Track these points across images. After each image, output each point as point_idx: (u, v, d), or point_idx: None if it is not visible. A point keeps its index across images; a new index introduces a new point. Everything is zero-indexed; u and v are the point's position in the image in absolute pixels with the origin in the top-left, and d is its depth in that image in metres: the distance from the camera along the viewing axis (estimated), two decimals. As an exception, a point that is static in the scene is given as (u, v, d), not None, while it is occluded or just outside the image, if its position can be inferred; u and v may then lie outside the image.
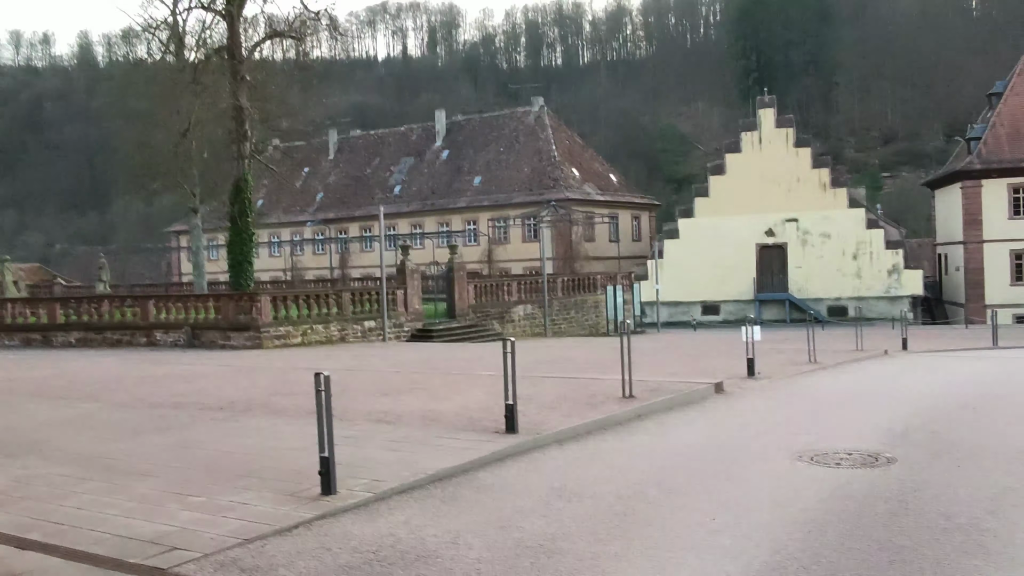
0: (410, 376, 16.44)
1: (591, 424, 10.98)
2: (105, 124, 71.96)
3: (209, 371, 18.56)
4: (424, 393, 13.96)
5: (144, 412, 12.94)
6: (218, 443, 10.39)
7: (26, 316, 30.96)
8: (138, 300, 30.43)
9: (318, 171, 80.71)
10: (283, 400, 13.58)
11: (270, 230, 77.17)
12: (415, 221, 70.06)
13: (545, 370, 17.34)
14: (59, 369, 19.89)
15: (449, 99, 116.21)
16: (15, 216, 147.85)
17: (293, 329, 28.15)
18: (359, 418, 11.67)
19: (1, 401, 14.67)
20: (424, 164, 73.79)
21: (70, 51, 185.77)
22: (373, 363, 20.32)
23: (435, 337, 31.16)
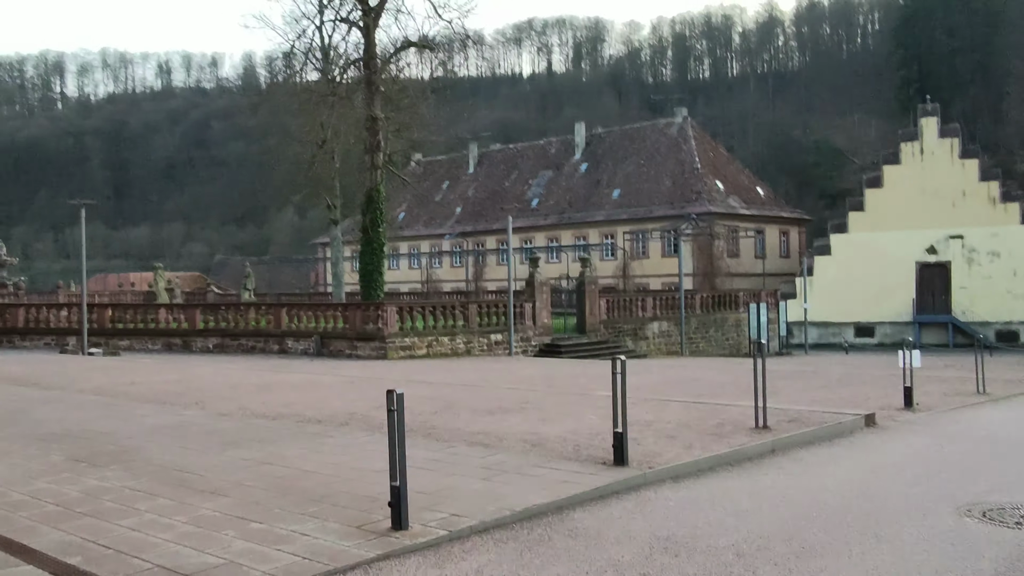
0: (524, 394, 15.38)
1: (714, 459, 9.58)
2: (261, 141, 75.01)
3: (324, 381, 18.09)
4: (534, 413, 12.86)
5: (243, 423, 12.40)
6: (303, 460, 9.60)
7: (168, 321, 31.79)
8: (272, 308, 30.72)
9: (458, 185, 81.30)
10: (384, 415, 12.73)
11: (410, 242, 78.29)
12: (551, 234, 69.29)
13: (671, 392, 15.94)
14: (183, 374, 19.92)
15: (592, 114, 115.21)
16: (182, 228, 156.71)
17: (418, 341, 27.67)
18: (456, 438, 10.69)
19: (115, 405, 14.52)
20: (562, 177, 73.00)
21: (235, 72, 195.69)
22: (491, 378, 19.40)
23: (563, 352, 30.05)
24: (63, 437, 11.47)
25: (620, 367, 8.98)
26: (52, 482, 8.89)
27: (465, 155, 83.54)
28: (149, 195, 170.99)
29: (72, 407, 14.32)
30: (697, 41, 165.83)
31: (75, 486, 8.71)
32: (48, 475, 9.23)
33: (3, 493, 8.55)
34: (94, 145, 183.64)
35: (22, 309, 33.65)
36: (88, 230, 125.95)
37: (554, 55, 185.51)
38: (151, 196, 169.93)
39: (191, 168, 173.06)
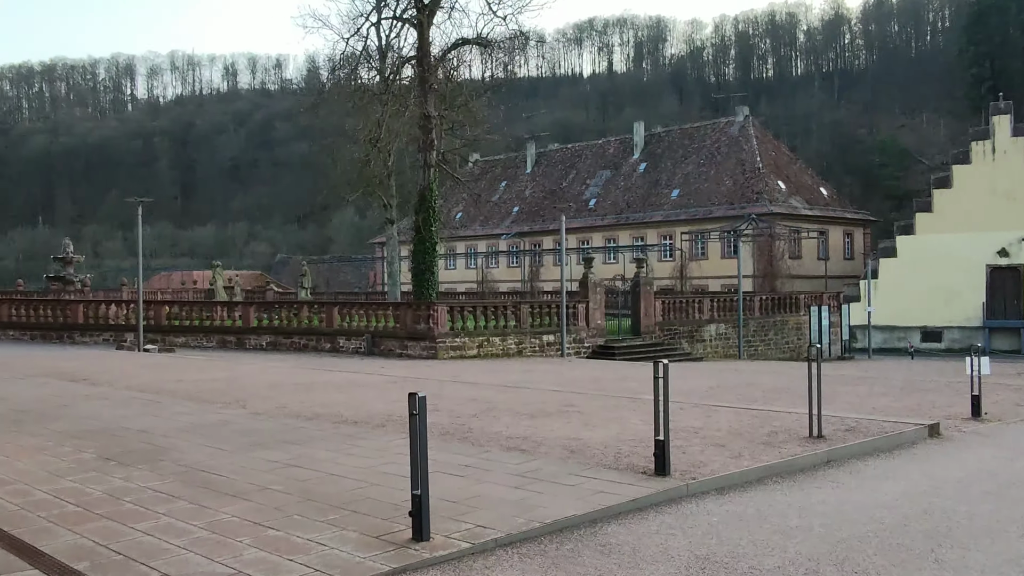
0: (569, 397, 14.90)
1: (764, 469, 9.00)
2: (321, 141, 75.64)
3: (368, 381, 17.84)
4: (576, 417, 12.38)
5: (278, 422, 12.16)
6: (332, 463, 9.29)
7: (223, 319, 32.00)
8: (324, 307, 30.71)
9: (515, 184, 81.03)
10: (424, 417, 12.40)
11: (467, 242, 78.25)
12: (609, 235, 68.55)
13: (724, 397, 15.31)
14: (230, 372, 19.87)
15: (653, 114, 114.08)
16: (246, 227, 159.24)
17: (469, 341, 27.36)
18: (492, 443, 10.28)
19: (158, 403, 14.43)
20: (620, 177, 72.21)
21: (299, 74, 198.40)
22: (538, 379, 18.95)
23: (616, 354, 29.46)
24: (98, 434, 11.36)
25: (663, 371, 8.48)
26: (78, 481, 8.72)
27: (523, 155, 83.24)
28: (215, 195, 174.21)
29: (115, 404, 14.27)
30: (761, 39, 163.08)
31: (99, 486, 8.52)
32: (76, 473, 9.07)
33: (27, 491, 8.40)
34: (162, 146, 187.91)
35: (81, 306, 34.20)
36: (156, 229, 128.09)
37: (615, 55, 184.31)
38: (216, 196, 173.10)
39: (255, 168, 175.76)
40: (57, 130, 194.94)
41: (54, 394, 15.63)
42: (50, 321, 34.03)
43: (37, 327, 34.05)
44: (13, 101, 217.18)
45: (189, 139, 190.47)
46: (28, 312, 34.67)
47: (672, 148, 70.94)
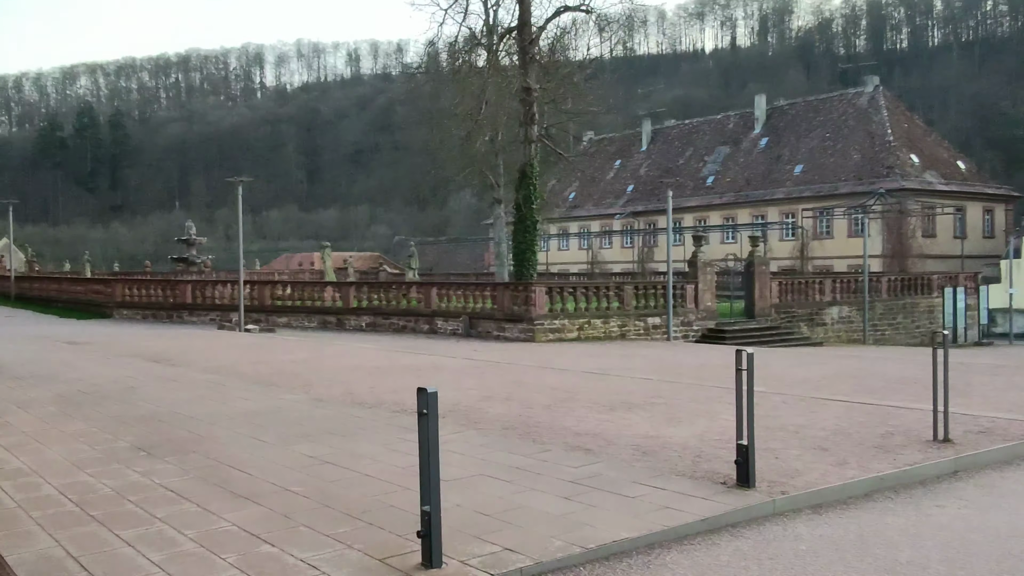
0: (659, 386, 13.48)
1: (873, 482, 7.46)
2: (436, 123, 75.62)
3: (450, 365, 16.84)
4: (662, 410, 10.99)
5: (335, 410, 11.26)
6: (371, 460, 8.26)
7: (323, 300, 31.76)
8: (422, 288, 30.00)
9: (630, 163, 78.93)
10: (492, 408, 11.27)
11: (580, 223, 76.79)
12: (727, 214, 65.83)
13: (838, 388, 13.58)
14: (314, 353, 19.26)
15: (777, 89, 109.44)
16: (367, 210, 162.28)
17: (568, 323, 26.11)
18: (556, 440, 9.04)
19: (223, 386, 13.82)
20: (740, 153, 69.19)
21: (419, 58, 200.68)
22: (635, 365, 17.55)
23: (727, 338, 27.66)
24: (145, 420, 10.72)
25: (746, 361, 7.05)
26: (95, 475, 7.98)
27: (638, 132, 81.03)
28: (338, 179, 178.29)
29: (182, 387, 13.72)
30: (894, 9, 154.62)
31: (114, 480, 7.75)
32: (98, 465, 8.35)
33: (38, 484, 7.71)
34: (289, 132, 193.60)
35: (189, 286, 34.65)
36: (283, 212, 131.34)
37: (738, 29, 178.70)
38: (340, 180, 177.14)
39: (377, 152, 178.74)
40: (192, 118, 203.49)
41: (129, 376, 15.26)
42: (160, 301, 34.63)
43: (149, 307, 34.70)
44: (151, 92, 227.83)
45: (314, 125, 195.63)
46: (140, 292, 35.38)
47: (796, 122, 67.45)
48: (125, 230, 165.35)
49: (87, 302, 38.18)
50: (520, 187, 30.12)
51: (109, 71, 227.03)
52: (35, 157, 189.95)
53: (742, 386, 7.04)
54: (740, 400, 7.06)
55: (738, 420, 7.08)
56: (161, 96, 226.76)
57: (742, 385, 7.04)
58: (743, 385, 7.03)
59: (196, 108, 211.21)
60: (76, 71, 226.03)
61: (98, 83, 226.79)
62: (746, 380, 7.00)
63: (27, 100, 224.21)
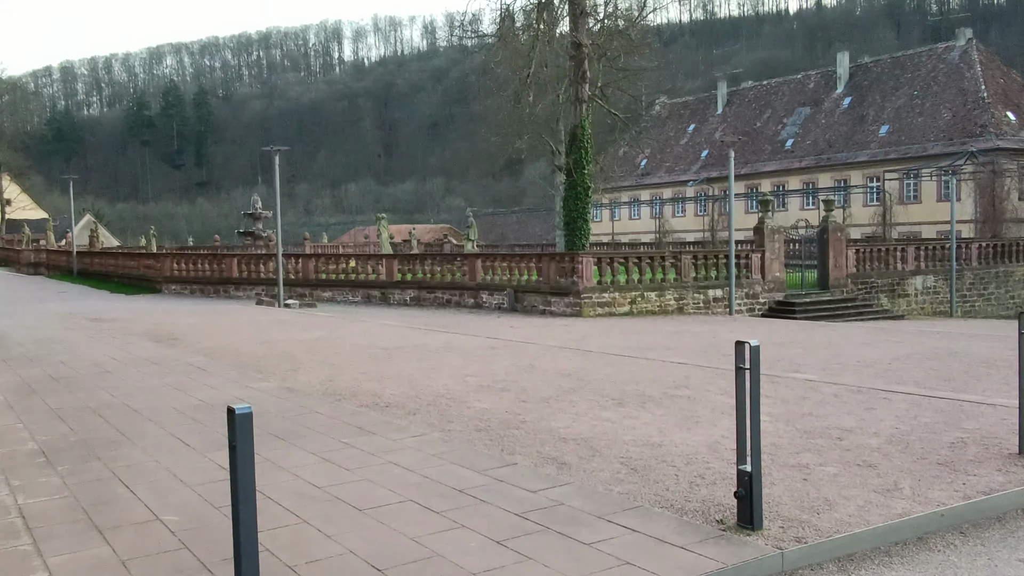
0: (691, 371, 11.52)
1: (930, 519, 5.47)
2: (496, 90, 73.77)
3: (466, 346, 15.13)
4: (680, 406, 9.07)
5: (298, 403, 9.70)
6: (284, 478, 6.65)
7: (367, 273, 30.45)
8: (466, 260, 28.36)
9: (704, 127, 75.70)
10: (480, 401, 9.55)
11: (651, 190, 74.17)
12: (807, 178, 62.42)
13: (907, 374, 11.44)
14: (329, 332, 17.81)
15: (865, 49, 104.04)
16: (443, 182, 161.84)
17: (619, 296, 24.15)
18: (531, 449, 7.26)
19: (201, 371, 12.44)
20: (821, 114, 65.46)
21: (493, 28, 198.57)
22: (678, 343, 15.58)
23: (797, 312, 25.32)
24: (85, 414, 9.35)
25: (749, 356, 5.14)
26: (-43, 490, 6.56)
27: (713, 95, 77.72)
28: (414, 152, 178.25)
29: (157, 373, 12.38)
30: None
31: None
32: (-25, 476, 6.94)
33: None
34: (366, 106, 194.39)
35: (235, 259, 33.75)
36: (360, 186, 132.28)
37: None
38: (416, 152, 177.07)
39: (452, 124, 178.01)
40: (272, 95, 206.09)
41: (116, 358, 14.04)
42: (207, 275, 33.85)
43: (196, 281, 33.96)
44: (234, 70, 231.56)
45: (391, 98, 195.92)
46: (188, 267, 34.68)
47: (881, 80, 63.38)
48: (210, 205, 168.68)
49: (139, 277, 37.75)
50: (571, 151, 28.15)
51: (193, 50, 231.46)
52: (125, 136, 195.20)
53: (744, 391, 5.14)
54: (742, 410, 5.17)
55: (739, 437, 5.20)
56: (243, 73, 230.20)
57: (744, 390, 5.14)
58: (746, 389, 5.13)
59: (277, 84, 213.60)
60: (162, 51, 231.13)
61: (183, 62, 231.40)
62: (750, 383, 5.10)
63: (116, 81, 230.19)
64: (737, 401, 5.16)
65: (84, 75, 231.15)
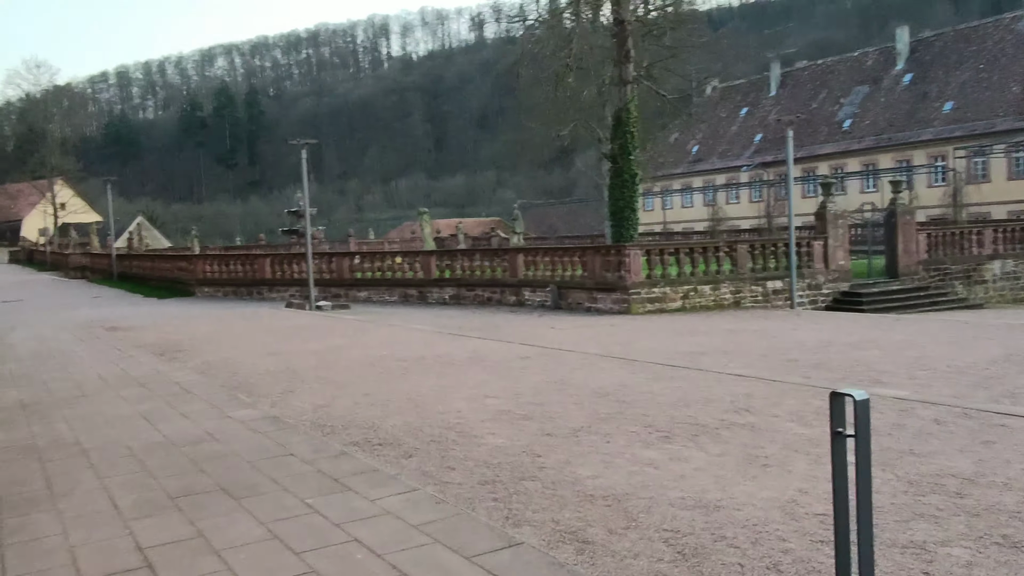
0: (754, 387, 9.59)
1: None
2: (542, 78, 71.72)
3: (493, 356, 13.38)
4: (742, 439, 7.21)
5: (276, 440, 8.05)
6: (208, 563, 4.99)
7: (404, 270, 28.93)
8: (507, 255, 26.64)
9: (758, 110, 72.89)
10: (494, 436, 7.81)
11: (704, 177, 71.67)
12: (867, 160, 59.42)
13: (1008, 384, 9.46)
14: (349, 339, 16.22)
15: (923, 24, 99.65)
16: (494, 175, 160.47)
17: (671, 291, 22.23)
18: (545, 516, 5.49)
19: (184, 394, 10.92)
20: (880, 92, 62.32)
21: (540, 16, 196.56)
22: (736, 347, 13.67)
23: (864, 304, 23.15)
24: (14, 457, 7.84)
25: (856, 415, 3.30)
26: None
27: (766, 77, 74.79)
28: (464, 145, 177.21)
29: (138, 397, 10.90)
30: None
31: None
32: None
33: None
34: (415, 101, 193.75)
35: (268, 260, 32.48)
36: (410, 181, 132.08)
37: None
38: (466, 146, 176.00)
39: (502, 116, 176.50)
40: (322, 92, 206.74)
41: (103, 378, 12.63)
42: (240, 277, 32.64)
43: (230, 283, 32.78)
44: (284, 68, 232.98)
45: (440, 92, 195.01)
46: (221, 268, 33.51)
47: (944, 54, 60.07)
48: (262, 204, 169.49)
49: (173, 279, 36.75)
50: (616, 136, 26.26)
51: (244, 50, 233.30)
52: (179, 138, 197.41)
53: (844, 473, 3.32)
54: (841, 503, 3.34)
55: (837, 536, 3.38)
56: (293, 72, 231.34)
57: (844, 470, 3.32)
58: (846, 471, 3.31)
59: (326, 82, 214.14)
60: (213, 52, 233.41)
61: (234, 63, 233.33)
62: (857, 460, 3.27)
63: (170, 83, 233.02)
64: (835, 487, 3.34)
65: (139, 79, 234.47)
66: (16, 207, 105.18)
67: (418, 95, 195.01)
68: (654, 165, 55.71)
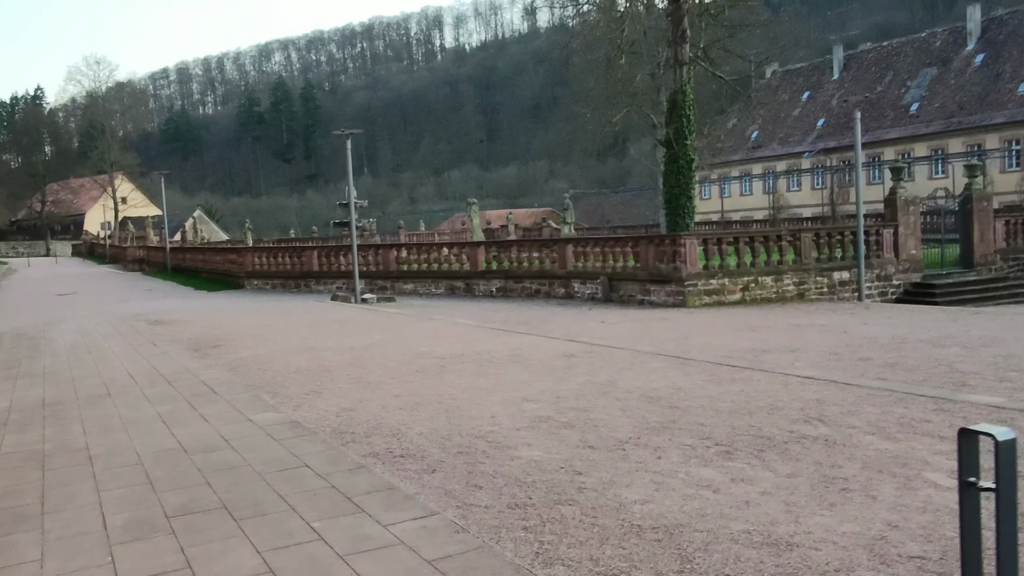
0: (825, 391, 8.61)
1: None
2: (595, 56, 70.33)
3: (537, 354, 12.55)
4: (814, 455, 6.27)
5: (292, 449, 7.34)
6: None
7: (451, 262, 28.24)
8: (556, 246, 25.74)
9: (819, 94, 70.70)
10: (530, 448, 6.99)
11: (764, 164, 69.81)
12: (936, 144, 57.12)
13: None
14: (390, 334, 15.51)
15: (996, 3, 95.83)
16: (546, 165, 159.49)
17: (729, 283, 21.14)
18: (584, 551, 4.65)
19: (208, 395, 10.30)
20: (950, 74, 59.88)
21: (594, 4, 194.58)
22: (803, 343, 12.63)
23: (937, 296, 21.79)
24: (19, 463, 7.26)
25: (1000, 461, 2.41)
26: None
27: (828, 60, 72.51)
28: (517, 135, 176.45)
29: (161, 398, 10.32)
30: None
31: None
32: None
33: None
34: (468, 92, 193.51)
35: (316, 252, 32.07)
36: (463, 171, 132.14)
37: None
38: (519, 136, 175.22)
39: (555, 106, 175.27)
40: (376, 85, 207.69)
41: (132, 376, 12.12)
42: (289, 270, 32.31)
43: (278, 276, 32.49)
44: (339, 63, 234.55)
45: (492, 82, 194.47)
46: (269, 261, 33.22)
47: (1018, 33, 57.43)
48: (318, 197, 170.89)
49: (224, 272, 36.64)
50: (671, 119, 25.14)
51: (300, 45, 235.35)
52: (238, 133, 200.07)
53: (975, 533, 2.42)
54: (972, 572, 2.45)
55: None
56: (348, 66, 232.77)
57: (976, 526, 2.43)
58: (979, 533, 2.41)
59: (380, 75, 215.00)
60: (270, 48, 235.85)
61: (290, 58, 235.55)
62: (999, 515, 2.37)
63: (229, 79, 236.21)
64: (964, 556, 2.44)
65: (198, 75, 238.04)
66: (79, 201, 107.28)
67: (471, 86, 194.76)
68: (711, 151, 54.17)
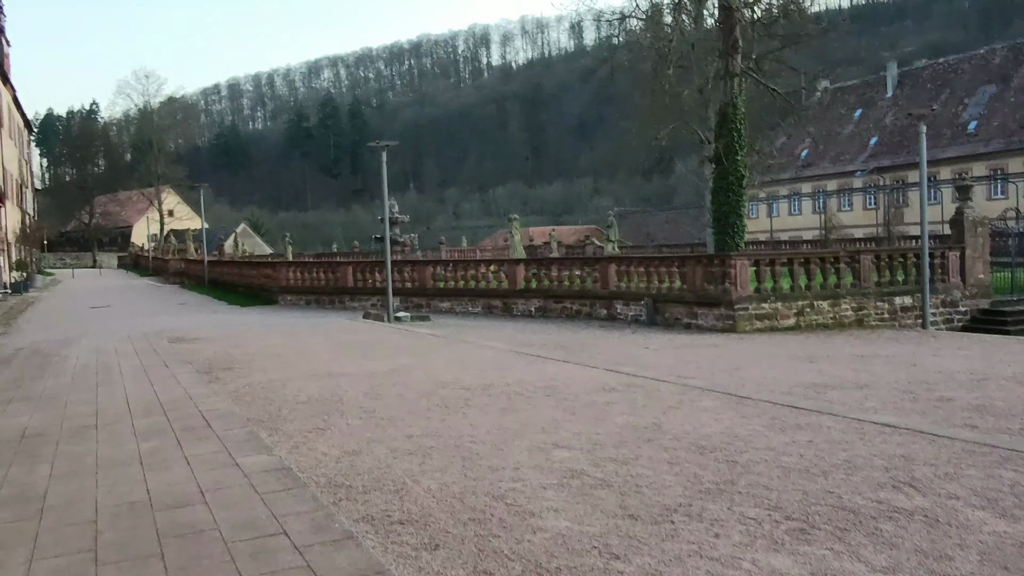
0: (911, 445, 7.24)
1: None
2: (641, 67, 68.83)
3: (572, 388, 11.30)
4: (913, 538, 4.96)
5: (275, 505, 6.20)
6: None
7: (488, 280, 27.10)
8: (598, 265, 24.49)
9: (872, 112, 68.66)
10: (558, 516, 5.77)
11: (814, 183, 67.88)
12: (995, 164, 54.89)
13: None
14: (417, 359, 14.35)
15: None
16: (591, 183, 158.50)
17: (782, 307, 19.73)
18: None
19: (198, 430, 9.22)
20: (1010, 91, 57.62)
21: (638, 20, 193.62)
22: (871, 378, 11.24)
23: (1009, 323, 20.17)
24: (-42, 520, 6.20)
25: None
26: None
27: (882, 77, 70.45)
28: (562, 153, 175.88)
29: (147, 433, 9.27)
30: None
31: None
32: None
33: None
34: (513, 109, 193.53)
35: (350, 268, 31.14)
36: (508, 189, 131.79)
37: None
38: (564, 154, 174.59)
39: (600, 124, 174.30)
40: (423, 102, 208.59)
41: (130, 403, 11.13)
42: (323, 285, 31.43)
43: (312, 291, 31.62)
44: (387, 79, 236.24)
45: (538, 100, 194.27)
46: (304, 276, 32.38)
47: (1084, 48, 55.18)
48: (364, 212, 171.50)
49: (259, 287, 35.92)
50: (720, 134, 23.86)
51: (349, 62, 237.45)
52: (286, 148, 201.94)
53: None
54: None
55: None
56: (396, 83, 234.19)
57: None
58: None
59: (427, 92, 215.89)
60: (320, 64, 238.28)
61: (339, 75, 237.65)
62: None
63: (278, 95, 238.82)
64: None
65: (249, 91, 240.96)
66: (126, 214, 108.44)
67: (517, 104, 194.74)
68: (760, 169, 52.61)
